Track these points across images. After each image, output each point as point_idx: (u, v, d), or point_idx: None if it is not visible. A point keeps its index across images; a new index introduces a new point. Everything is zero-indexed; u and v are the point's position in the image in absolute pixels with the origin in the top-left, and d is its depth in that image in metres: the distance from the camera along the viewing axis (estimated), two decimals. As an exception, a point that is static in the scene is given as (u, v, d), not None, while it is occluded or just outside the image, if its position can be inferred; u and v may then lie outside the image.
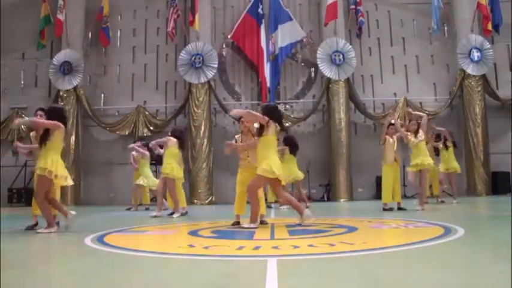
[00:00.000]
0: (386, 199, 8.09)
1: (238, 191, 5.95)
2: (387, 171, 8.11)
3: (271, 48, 13.86)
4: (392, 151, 8.09)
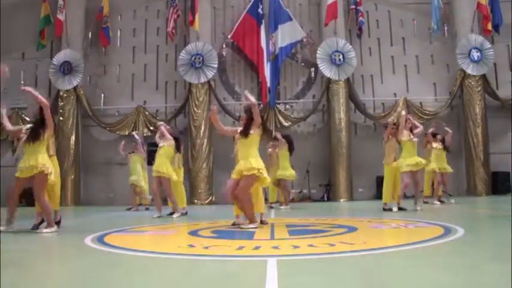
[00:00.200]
0: (387, 199, 8.10)
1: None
2: (389, 171, 8.11)
3: (271, 48, 13.85)
4: (393, 151, 8.10)
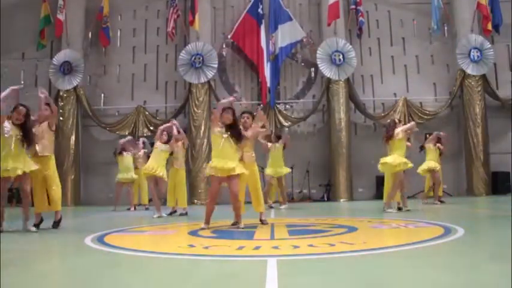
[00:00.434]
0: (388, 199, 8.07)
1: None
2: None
3: (271, 48, 13.84)
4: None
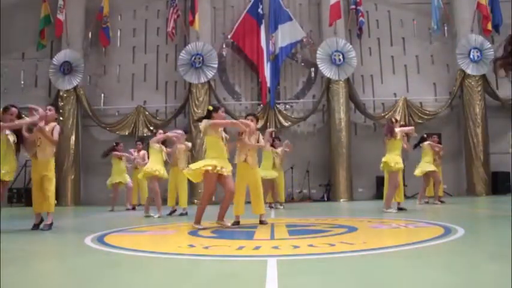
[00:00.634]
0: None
1: (237, 191, 5.97)
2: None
3: (271, 48, 13.85)
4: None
